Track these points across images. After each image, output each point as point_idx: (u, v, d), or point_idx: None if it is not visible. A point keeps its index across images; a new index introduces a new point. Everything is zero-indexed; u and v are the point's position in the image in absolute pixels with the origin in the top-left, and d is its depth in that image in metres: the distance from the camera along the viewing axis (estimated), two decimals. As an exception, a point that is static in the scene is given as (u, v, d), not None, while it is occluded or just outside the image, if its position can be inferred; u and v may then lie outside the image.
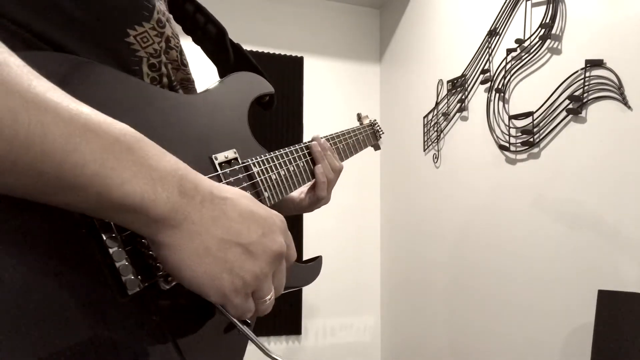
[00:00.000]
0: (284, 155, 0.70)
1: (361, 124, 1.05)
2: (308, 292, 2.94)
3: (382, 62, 3.24)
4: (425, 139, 2.59)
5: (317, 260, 0.76)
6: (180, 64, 0.59)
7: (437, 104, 2.49)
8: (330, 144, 0.85)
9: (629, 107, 1.43)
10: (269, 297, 0.42)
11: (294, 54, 3.03)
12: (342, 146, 0.89)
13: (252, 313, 0.42)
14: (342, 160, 0.88)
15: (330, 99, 3.11)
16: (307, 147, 0.78)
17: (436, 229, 2.49)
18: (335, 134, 0.88)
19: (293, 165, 0.72)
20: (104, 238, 0.39)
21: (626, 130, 1.44)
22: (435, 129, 2.51)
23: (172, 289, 0.44)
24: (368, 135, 1.02)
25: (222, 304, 0.40)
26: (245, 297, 0.40)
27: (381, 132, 1.08)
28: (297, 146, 0.76)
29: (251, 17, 2.95)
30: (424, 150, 2.61)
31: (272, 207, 0.46)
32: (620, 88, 1.45)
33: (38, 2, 0.42)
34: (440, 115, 2.46)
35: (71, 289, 0.37)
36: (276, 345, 2.88)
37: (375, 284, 3.15)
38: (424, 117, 2.59)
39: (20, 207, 0.35)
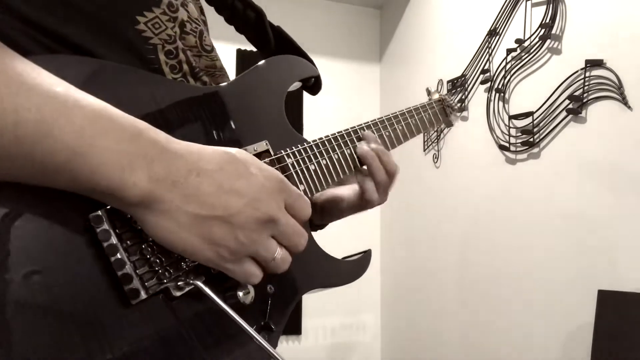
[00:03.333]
0: (325, 142, 0.64)
1: (430, 99, 0.92)
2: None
3: (382, 62, 3.24)
4: (425, 139, 2.59)
5: (365, 255, 0.68)
6: (202, 50, 0.56)
7: (437, 104, 2.49)
8: (386, 124, 0.77)
9: (629, 107, 1.43)
10: (275, 255, 0.42)
11: (294, 54, 3.03)
12: (400, 127, 0.81)
13: (259, 276, 0.42)
14: (403, 141, 0.81)
15: (330, 98, 3.10)
16: (355, 132, 0.70)
17: (436, 229, 2.49)
18: (393, 114, 0.80)
19: (337, 153, 0.65)
20: (105, 246, 0.38)
21: (626, 130, 1.44)
22: (435, 129, 2.51)
23: (185, 295, 0.42)
24: (436, 112, 0.89)
25: (217, 269, 0.41)
26: (237, 263, 0.40)
27: (455, 105, 0.93)
28: (342, 131, 0.69)
29: (251, 17, 2.95)
30: (424, 150, 2.61)
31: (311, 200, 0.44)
32: (620, 88, 1.45)
33: None
34: (440, 115, 2.46)
35: (72, 298, 0.36)
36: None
37: (375, 284, 3.15)
38: (424, 117, 2.59)
39: (20, 216, 0.34)
